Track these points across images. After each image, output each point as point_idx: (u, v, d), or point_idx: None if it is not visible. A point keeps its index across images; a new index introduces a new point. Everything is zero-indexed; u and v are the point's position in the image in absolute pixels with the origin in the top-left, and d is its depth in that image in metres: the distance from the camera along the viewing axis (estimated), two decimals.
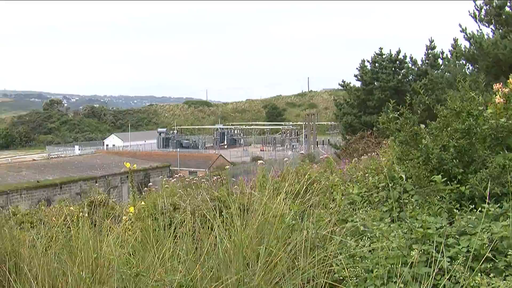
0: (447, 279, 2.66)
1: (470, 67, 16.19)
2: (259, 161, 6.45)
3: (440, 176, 3.65)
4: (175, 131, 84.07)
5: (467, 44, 15.28)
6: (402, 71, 26.86)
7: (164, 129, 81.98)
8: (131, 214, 4.14)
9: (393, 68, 27.02)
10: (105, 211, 5.27)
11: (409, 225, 3.10)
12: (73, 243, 3.42)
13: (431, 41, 26.34)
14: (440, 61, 25.88)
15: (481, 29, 15.05)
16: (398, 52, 27.54)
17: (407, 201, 3.69)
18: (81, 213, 4.42)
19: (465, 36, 15.18)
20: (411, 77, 27.03)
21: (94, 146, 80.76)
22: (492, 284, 2.57)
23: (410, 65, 27.36)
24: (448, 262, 2.76)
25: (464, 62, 16.45)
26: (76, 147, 73.86)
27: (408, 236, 3.01)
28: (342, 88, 29.44)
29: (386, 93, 25.55)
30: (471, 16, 15.02)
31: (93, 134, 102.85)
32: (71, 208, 5.25)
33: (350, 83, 28.27)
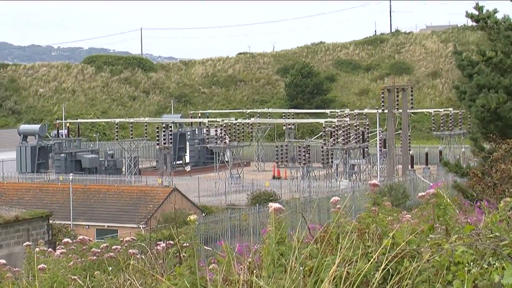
0: None
1: None
2: (272, 204, 6.42)
3: None
4: (63, 131, 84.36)
5: None
6: None
7: (38, 126, 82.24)
8: None
9: None
10: None
11: None
12: None
13: None
14: None
15: None
16: None
17: None
18: None
19: None
20: None
21: None
22: None
23: None
24: None
25: None
26: None
27: None
28: (474, 24, 29.49)
29: None
30: None
31: None
32: None
33: (496, 11, 28.31)
